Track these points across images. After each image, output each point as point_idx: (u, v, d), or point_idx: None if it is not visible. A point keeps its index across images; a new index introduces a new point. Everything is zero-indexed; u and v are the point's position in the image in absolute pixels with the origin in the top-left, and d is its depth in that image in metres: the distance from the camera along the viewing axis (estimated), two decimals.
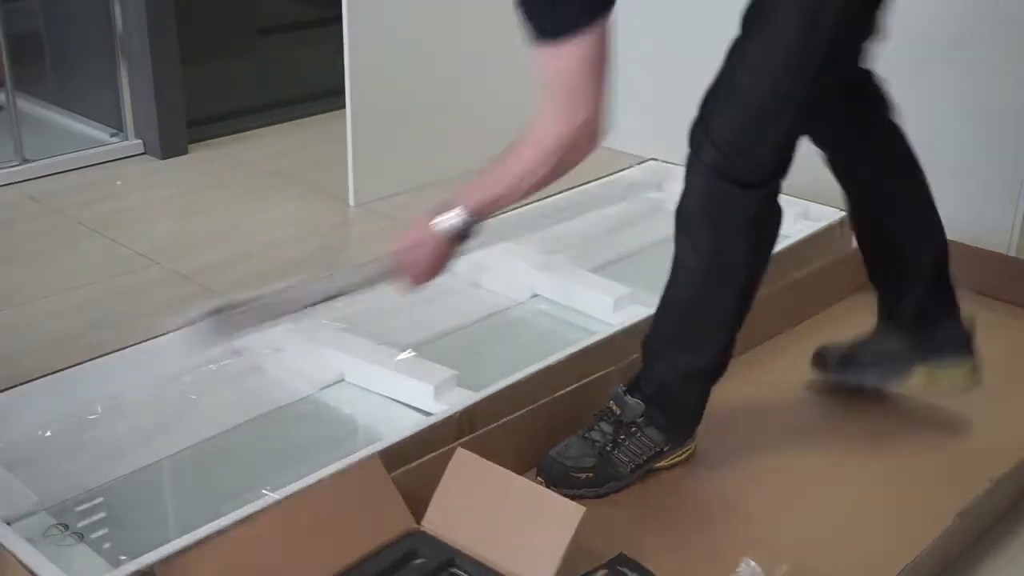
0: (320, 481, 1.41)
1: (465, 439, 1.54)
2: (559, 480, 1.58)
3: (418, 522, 1.42)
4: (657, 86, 3.08)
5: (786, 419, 1.79)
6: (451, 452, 1.46)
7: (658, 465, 1.64)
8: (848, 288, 2.19)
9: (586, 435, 1.63)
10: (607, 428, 1.62)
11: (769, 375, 1.91)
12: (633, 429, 1.61)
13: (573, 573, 1.36)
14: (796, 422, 1.79)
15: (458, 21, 2.89)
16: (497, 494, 1.40)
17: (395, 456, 1.51)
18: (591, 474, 1.59)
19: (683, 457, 1.66)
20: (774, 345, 2.00)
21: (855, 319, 2.10)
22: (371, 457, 1.44)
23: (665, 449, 1.63)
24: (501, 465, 1.43)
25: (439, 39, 2.87)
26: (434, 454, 1.48)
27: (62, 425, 1.73)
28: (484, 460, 1.42)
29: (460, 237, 1.57)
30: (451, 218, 1.56)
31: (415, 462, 1.48)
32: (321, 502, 1.38)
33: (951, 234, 2.28)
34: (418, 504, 1.43)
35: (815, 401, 1.85)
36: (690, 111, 2.16)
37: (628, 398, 1.63)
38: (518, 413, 1.62)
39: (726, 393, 1.84)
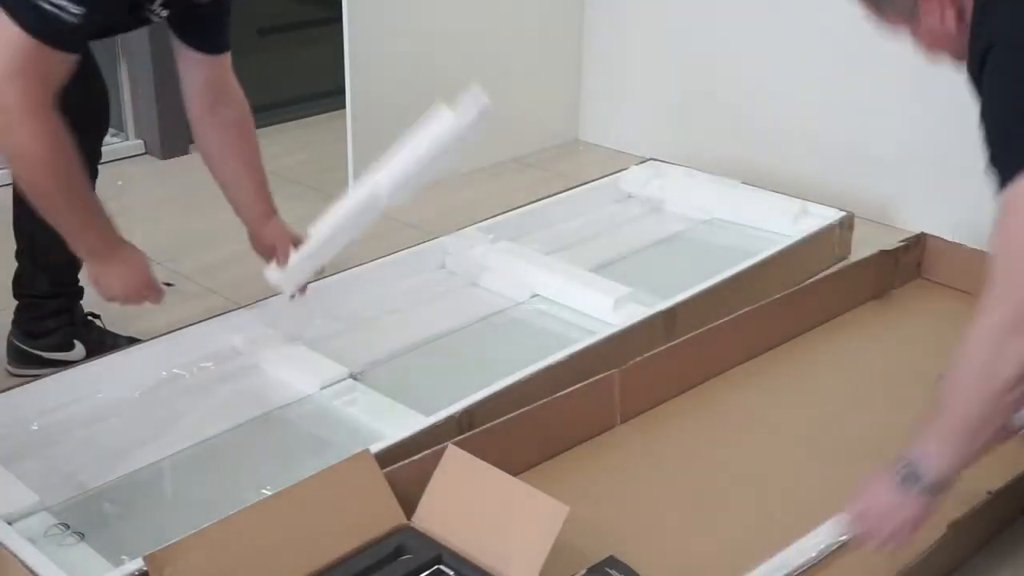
0: (312, 475, 1.41)
1: (460, 437, 1.54)
2: None
3: (409, 518, 1.42)
4: (657, 87, 3.09)
5: (786, 427, 1.78)
6: (444, 449, 1.46)
7: None
8: (864, 295, 2.18)
9: None
10: None
11: (773, 382, 1.90)
12: None
13: (562, 574, 1.35)
14: (796, 430, 1.77)
15: (458, 21, 2.90)
16: (486, 492, 1.40)
17: (395, 455, 1.51)
18: None
19: None
20: (783, 351, 1.99)
21: (867, 327, 2.10)
22: (363, 452, 1.45)
23: None
24: (497, 465, 1.43)
25: (439, 39, 2.88)
26: (428, 452, 1.49)
27: (62, 425, 1.73)
28: (474, 458, 1.43)
29: (935, 490, 1.32)
30: (920, 477, 1.30)
31: (408, 459, 1.48)
32: (312, 495, 1.38)
33: (948, 236, 2.28)
34: (411, 500, 1.43)
35: (816, 410, 1.83)
36: (690, 111, 2.16)
37: None
38: (514, 414, 1.62)
39: (729, 399, 1.85)
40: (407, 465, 1.47)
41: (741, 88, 2.90)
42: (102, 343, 1.98)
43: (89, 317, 2.02)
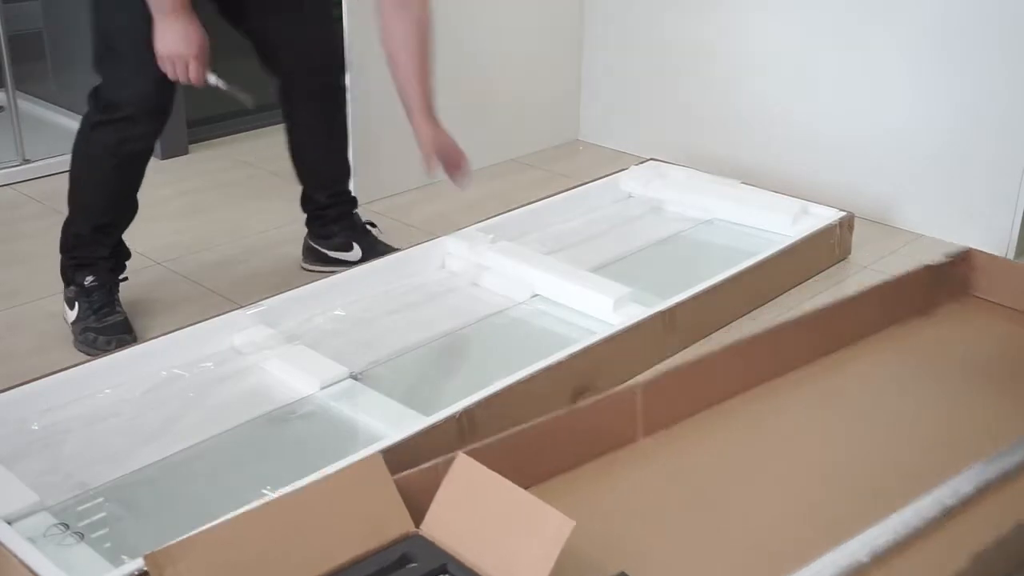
0: (321, 479, 1.40)
1: (477, 445, 1.51)
2: None
3: (417, 526, 1.41)
4: (657, 87, 3.09)
5: (814, 448, 1.71)
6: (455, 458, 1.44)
7: None
8: (906, 312, 2.08)
9: None
10: None
11: (804, 400, 1.83)
12: None
13: None
14: (824, 452, 1.70)
15: (457, 22, 2.89)
16: (494, 502, 1.38)
17: (396, 455, 1.51)
18: None
19: None
20: (817, 368, 1.92)
21: (907, 345, 1.98)
22: (374, 456, 1.43)
23: None
24: (514, 475, 1.40)
25: (439, 39, 2.87)
26: (440, 459, 1.46)
27: (62, 425, 1.73)
28: (483, 467, 1.40)
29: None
30: None
31: (419, 466, 1.46)
32: (320, 499, 1.37)
33: (948, 237, 2.28)
34: (422, 508, 1.41)
35: (847, 431, 1.75)
36: (690, 111, 2.14)
37: None
38: (533, 422, 1.58)
39: (757, 416, 1.77)
40: (419, 472, 1.44)
41: (741, 88, 2.90)
42: (374, 248, 2.35)
43: (367, 225, 2.41)
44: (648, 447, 1.70)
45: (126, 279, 2.15)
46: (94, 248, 2.09)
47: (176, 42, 1.90)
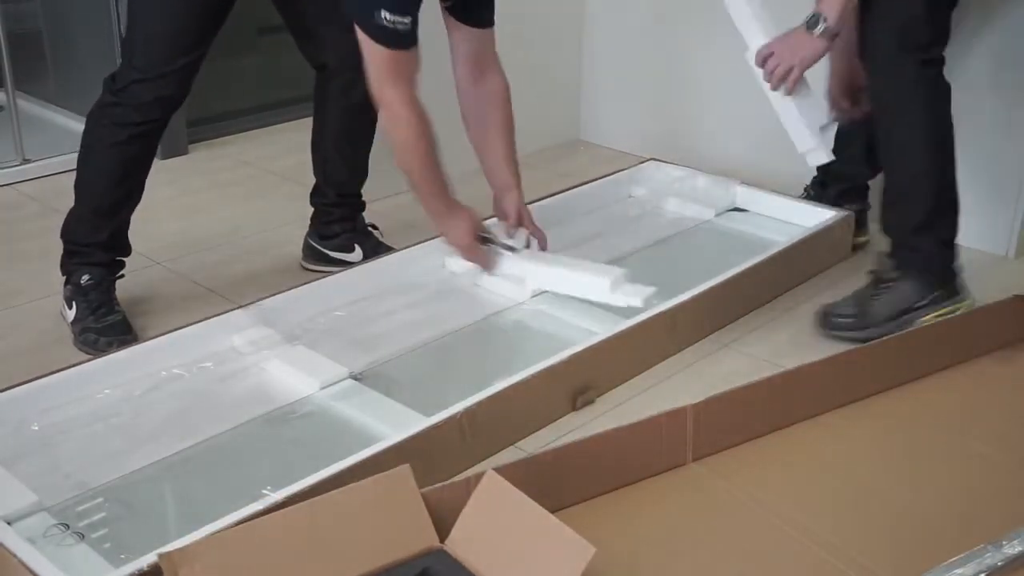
0: (347, 487, 1.38)
1: (519, 460, 1.50)
2: (822, 321, 2.06)
3: (443, 541, 1.39)
4: (658, 87, 3.09)
5: (874, 487, 1.61)
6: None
7: (925, 319, 2.00)
8: (992, 344, 1.95)
9: (857, 290, 2.08)
10: (871, 284, 2.06)
11: (872, 432, 1.74)
12: (889, 284, 2.03)
13: None
14: (884, 493, 1.60)
15: None
16: (518, 523, 1.35)
17: (395, 455, 1.51)
18: (851, 319, 2.03)
19: (953, 311, 2.00)
20: (890, 397, 1.82)
21: (988, 381, 1.87)
22: (402, 468, 1.40)
23: (924, 302, 2.00)
24: (554, 494, 1.39)
25: (439, 39, 2.87)
26: (471, 474, 1.44)
27: (62, 425, 1.73)
28: (511, 486, 1.37)
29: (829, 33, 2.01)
30: (821, 21, 2.00)
31: (448, 480, 1.45)
32: (345, 508, 1.35)
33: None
34: (451, 523, 1.39)
35: (913, 470, 1.65)
36: (689, 112, 2.12)
37: (885, 259, 2.07)
38: (577, 440, 1.55)
39: (818, 446, 1.69)
40: (448, 487, 1.42)
41: (742, 88, 2.89)
42: (376, 250, 2.35)
43: (369, 228, 2.42)
44: (698, 472, 1.63)
45: (123, 276, 2.15)
46: (91, 232, 2.08)
47: (459, 237, 2.08)
